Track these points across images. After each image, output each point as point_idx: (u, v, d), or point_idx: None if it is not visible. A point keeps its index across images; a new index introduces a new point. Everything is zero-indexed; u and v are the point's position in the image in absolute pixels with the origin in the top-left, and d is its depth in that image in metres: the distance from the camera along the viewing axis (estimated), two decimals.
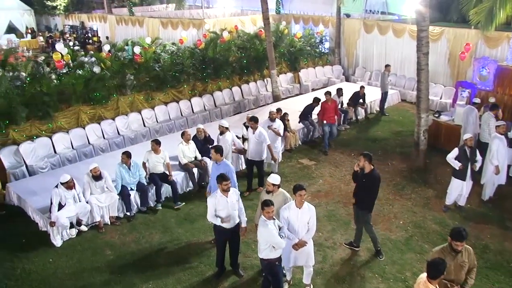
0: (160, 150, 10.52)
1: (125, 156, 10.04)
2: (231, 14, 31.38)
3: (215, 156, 8.73)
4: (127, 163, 10.07)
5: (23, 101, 12.45)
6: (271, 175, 7.67)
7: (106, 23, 32.88)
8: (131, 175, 10.16)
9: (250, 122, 10.93)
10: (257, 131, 10.87)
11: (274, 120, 11.93)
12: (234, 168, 8.88)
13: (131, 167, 10.15)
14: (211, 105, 17.07)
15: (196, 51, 17.58)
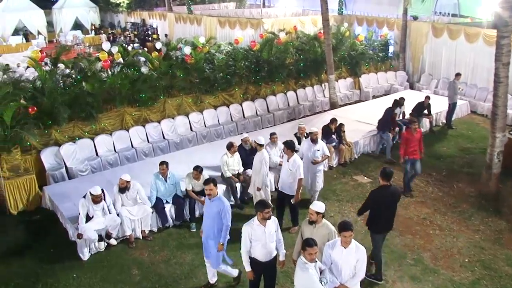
0: (201, 177, 9.49)
1: (164, 166, 9.27)
2: (292, 14, 30.36)
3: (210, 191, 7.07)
4: (164, 174, 9.29)
5: (66, 101, 12.00)
6: (315, 202, 6.61)
7: (166, 21, 32.77)
8: (167, 187, 9.39)
9: (285, 147, 9.21)
10: (292, 159, 9.07)
11: (315, 141, 10.25)
12: (229, 207, 7.07)
13: (168, 178, 9.36)
14: (264, 110, 16.13)
15: (250, 52, 16.68)
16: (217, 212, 6.94)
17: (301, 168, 9.02)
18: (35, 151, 11.66)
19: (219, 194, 7.13)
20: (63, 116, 11.71)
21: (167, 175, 9.36)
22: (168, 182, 9.38)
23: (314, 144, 10.15)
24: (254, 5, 35.33)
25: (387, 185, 7.51)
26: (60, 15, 39.42)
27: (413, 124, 10.76)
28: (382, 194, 7.53)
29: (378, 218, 7.56)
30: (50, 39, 39.48)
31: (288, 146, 9.09)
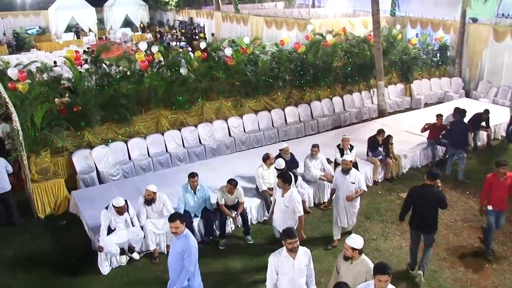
0: (235, 191, 8.84)
1: (195, 179, 8.61)
2: (341, 14, 29.23)
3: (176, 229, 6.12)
4: (193, 186, 8.64)
5: (100, 102, 11.60)
6: (352, 236, 5.74)
7: (213, 19, 32.39)
8: (196, 200, 8.73)
9: (279, 181, 7.77)
10: (288, 194, 7.68)
11: (347, 172, 8.51)
12: (195, 248, 6.11)
13: (198, 191, 8.71)
14: (307, 116, 15.28)
15: (294, 55, 15.87)
16: (180, 252, 6.05)
17: (299, 204, 7.64)
18: (67, 152, 11.34)
19: (187, 231, 6.19)
20: (95, 118, 11.31)
21: (197, 187, 8.70)
22: (197, 195, 8.72)
23: (346, 175, 8.51)
24: (304, 5, 34.35)
25: (430, 185, 7.43)
26: (111, 13, 39.97)
27: (502, 167, 8.14)
28: (422, 191, 7.52)
29: (413, 214, 7.67)
30: (100, 36, 40.10)
31: (283, 179, 7.70)
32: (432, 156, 12.57)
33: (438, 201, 7.41)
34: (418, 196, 7.52)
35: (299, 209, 7.60)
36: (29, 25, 39.58)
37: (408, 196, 7.78)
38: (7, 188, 9.62)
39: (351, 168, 8.50)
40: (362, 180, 8.62)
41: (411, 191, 7.75)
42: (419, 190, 7.59)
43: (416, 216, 7.61)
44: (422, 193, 7.48)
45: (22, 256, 8.79)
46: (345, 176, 8.44)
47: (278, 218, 7.92)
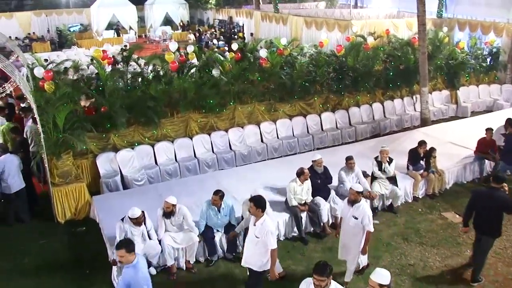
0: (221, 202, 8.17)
1: (218, 197, 7.96)
2: (385, 15, 28.15)
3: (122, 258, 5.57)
4: (217, 205, 8.03)
5: (127, 104, 11.17)
6: (377, 271, 5.01)
7: (252, 19, 31.83)
8: (219, 218, 8.12)
9: (251, 203, 6.47)
10: (260, 222, 6.43)
11: (353, 203, 7.26)
12: (145, 278, 5.56)
13: (222, 209, 8.09)
14: (345, 123, 14.46)
15: (332, 58, 15.08)
16: (127, 284, 5.41)
17: (273, 236, 6.44)
18: (92, 155, 10.99)
19: (137, 261, 5.58)
20: (121, 120, 10.89)
21: (221, 205, 8.08)
22: (221, 213, 8.09)
23: (351, 207, 7.27)
24: (346, 5, 33.34)
25: (496, 188, 7.20)
26: (151, 11, 40.05)
27: None
28: (487, 194, 7.34)
29: (476, 217, 7.42)
30: (140, 34, 40.26)
31: (256, 203, 6.41)
32: (479, 172, 11.57)
33: (504, 206, 7.13)
34: (482, 199, 7.33)
35: (271, 242, 6.37)
36: (72, 22, 40.11)
37: (472, 199, 7.55)
38: (21, 186, 9.62)
39: (358, 200, 7.20)
40: (367, 218, 7.07)
41: (474, 194, 7.65)
42: (484, 192, 7.51)
43: (479, 218, 7.39)
44: (487, 196, 7.28)
45: (38, 263, 8.45)
46: (349, 208, 7.29)
47: (247, 250, 6.69)
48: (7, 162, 9.40)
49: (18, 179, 9.54)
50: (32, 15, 39.74)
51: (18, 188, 9.57)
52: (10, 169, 9.39)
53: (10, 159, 9.52)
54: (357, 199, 7.21)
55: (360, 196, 7.27)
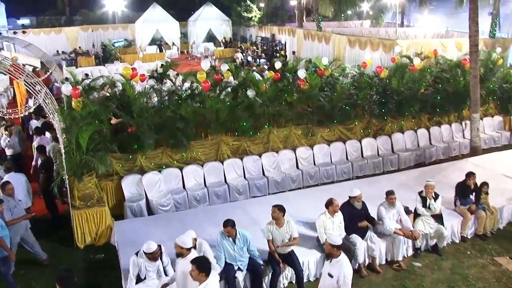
0: (284, 220, 7.58)
1: (229, 227, 7.29)
2: (433, 35, 27.02)
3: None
4: (231, 234, 7.35)
5: (155, 124, 10.70)
6: None
7: (295, 37, 31.27)
8: (236, 250, 7.39)
9: (193, 266, 5.52)
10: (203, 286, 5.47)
11: (329, 258, 6.54)
12: None
13: (237, 239, 7.39)
14: (387, 150, 13.53)
15: (375, 80, 14.24)
16: None
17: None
18: (117, 177, 10.54)
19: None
20: (148, 142, 10.40)
21: (236, 235, 7.39)
22: (237, 244, 7.38)
23: (328, 262, 6.52)
24: (391, 23, 32.33)
25: None
26: (195, 27, 40.21)
27: None
28: None
29: None
30: (183, 50, 40.46)
31: (199, 266, 5.49)
32: None
33: None
34: None
35: None
36: (118, 37, 40.82)
37: None
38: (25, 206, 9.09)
39: (336, 255, 6.30)
40: (344, 278, 6.15)
41: None
42: None
43: None
44: None
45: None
46: (327, 263, 6.53)
47: None
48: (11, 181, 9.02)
49: (22, 199, 9.18)
50: (79, 30, 40.79)
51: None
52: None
53: (14, 177, 9.30)
54: (333, 254, 6.32)
55: (339, 251, 6.32)
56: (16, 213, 8.22)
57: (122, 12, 43.96)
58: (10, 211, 8.10)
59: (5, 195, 8.25)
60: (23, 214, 8.36)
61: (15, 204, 8.27)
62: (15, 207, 8.25)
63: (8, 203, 8.12)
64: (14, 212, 8.18)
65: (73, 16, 46.88)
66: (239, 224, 7.68)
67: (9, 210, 8.09)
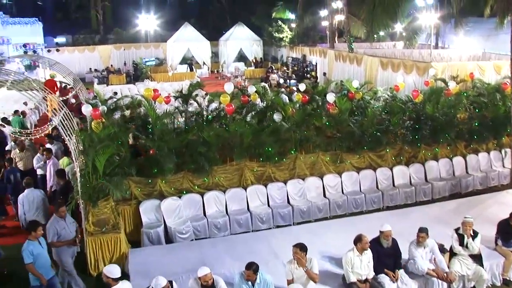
0: (306, 259, 7.02)
1: (251, 272, 6.72)
2: (468, 57, 26.11)
3: None
4: (251, 279, 6.80)
5: (176, 147, 10.31)
6: None
7: (326, 58, 30.76)
8: None
9: None
10: None
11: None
12: None
13: (257, 284, 6.83)
14: (420, 179, 12.75)
15: (409, 104, 13.58)
16: None
17: None
18: (136, 201, 10.17)
19: None
20: (168, 166, 10.01)
21: (256, 280, 6.83)
22: None
23: None
24: (426, 45, 31.49)
25: None
26: (225, 47, 40.29)
27: None
28: None
29: None
30: (214, 69, 40.52)
31: None
32: None
33: None
34: None
35: None
36: (149, 56, 41.21)
37: None
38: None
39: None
40: None
41: None
42: None
43: None
44: None
45: None
46: None
47: None
48: (25, 197, 9.43)
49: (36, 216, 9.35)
50: (112, 48, 41.45)
51: None
52: (28, 204, 9.40)
53: (28, 194, 9.47)
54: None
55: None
56: (64, 236, 8.06)
57: (155, 31, 44.47)
58: (58, 233, 7.95)
59: (57, 216, 8.10)
60: (71, 237, 8.18)
61: (64, 226, 8.05)
62: (64, 228, 8.04)
63: (57, 223, 7.98)
64: (62, 234, 8.01)
65: (107, 34, 47.71)
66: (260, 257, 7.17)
67: (56, 232, 7.96)
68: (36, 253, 7.23)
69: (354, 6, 30.86)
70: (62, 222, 8.06)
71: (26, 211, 9.44)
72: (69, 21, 50.46)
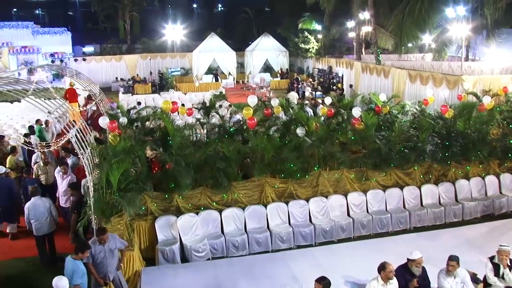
0: None
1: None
2: (502, 69, 25.17)
3: None
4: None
5: (194, 162, 9.97)
6: None
7: (352, 70, 30.17)
8: None
9: None
10: None
11: None
12: None
13: None
14: (450, 198, 12.08)
15: (438, 120, 12.97)
16: None
17: None
18: (152, 216, 9.84)
19: None
20: (185, 182, 9.64)
21: None
22: None
23: None
24: (456, 57, 30.61)
25: None
26: (251, 57, 40.04)
27: None
28: None
29: None
30: (239, 80, 40.35)
31: None
32: None
33: None
34: None
35: None
36: (175, 66, 41.29)
37: None
38: (48, 231, 9.55)
39: None
40: None
41: None
42: None
43: None
44: None
45: None
46: None
47: None
48: (31, 206, 9.40)
49: (43, 224, 9.45)
50: (139, 58, 41.64)
51: (42, 232, 9.51)
52: (34, 212, 9.38)
53: (33, 202, 9.45)
54: None
55: None
56: (99, 260, 7.75)
57: (181, 41, 44.57)
58: (93, 254, 7.65)
59: (96, 240, 7.79)
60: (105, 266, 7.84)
61: (101, 250, 7.71)
62: (100, 253, 7.70)
63: (95, 246, 7.68)
64: (98, 257, 7.69)
65: (134, 44, 48.08)
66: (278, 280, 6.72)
67: (91, 253, 7.64)
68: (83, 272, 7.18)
69: (382, 17, 30.33)
70: (100, 246, 7.72)
71: (31, 219, 9.42)
72: (97, 31, 51.11)
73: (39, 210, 9.41)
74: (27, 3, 59.31)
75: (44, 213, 9.44)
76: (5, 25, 39.14)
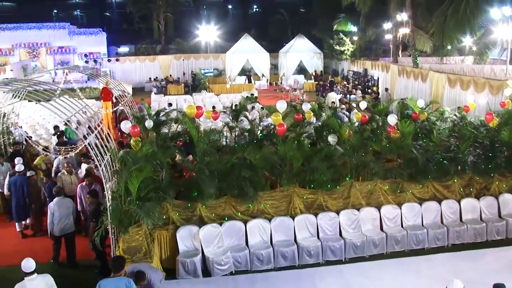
0: None
1: None
2: None
3: None
4: None
5: (219, 170, 9.51)
6: None
7: (388, 73, 29.23)
8: None
9: None
10: None
11: None
12: None
13: None
14: (493, 214, 11.20)
15: (481, 130, 12.14)
16: None
17: None
18: (173, 226, 9.42)
19: None
20: (208, 191, 9.19)
21: None
22: None
23: None
24: (498, 60, 29.33)
25: None
26: (285, 59, 39.65)
27: None
28: None
29: None
30: (272, 81, 39.95)
31: None
32: None
33: None
34: None
35: None
36: (209, 67, 41.24)
37: None
38: (69, 230, 9.59)
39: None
40: None
41: None
42: None
43: None
44: None
45: None
46: None
47: None
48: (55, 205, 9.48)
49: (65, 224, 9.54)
50: (172, 58, 41.80)
51: (63, 232, 9.55)
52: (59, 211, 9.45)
53: (57, 201, 9.54)
54: None
55: None
56: None
57: (215, 42, 44.47)
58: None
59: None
60: None
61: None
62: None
63: None
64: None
65: (168, 45, 48.31)
66: None
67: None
68: None
69: (420, 18, 29.31)
70: None
71: (55, 219, 9.44)
72: (132, 31, 51.57)
73: (63, 210, 9.49)
74: (66, 4, 60.51)
75: (67, 213, 9.54)
76: (43, 26, 40.08)
